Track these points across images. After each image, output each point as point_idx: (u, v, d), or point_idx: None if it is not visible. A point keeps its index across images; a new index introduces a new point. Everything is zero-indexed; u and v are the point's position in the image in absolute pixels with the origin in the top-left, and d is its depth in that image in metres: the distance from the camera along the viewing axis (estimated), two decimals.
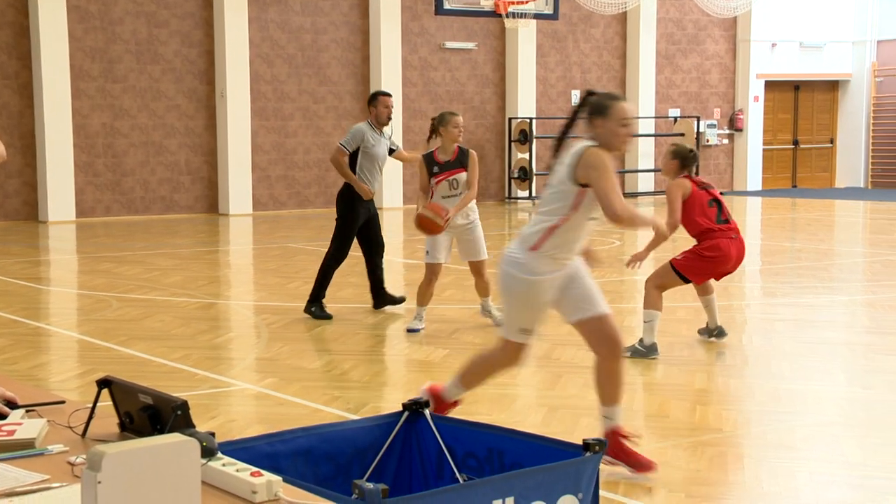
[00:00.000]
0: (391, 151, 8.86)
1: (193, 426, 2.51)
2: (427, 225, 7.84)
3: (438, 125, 8.00)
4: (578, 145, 4.55)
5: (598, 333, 4.61)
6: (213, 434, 2.49)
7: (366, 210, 8.75)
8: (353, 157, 8.63)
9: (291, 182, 19.53)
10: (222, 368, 6.94)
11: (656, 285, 7.24)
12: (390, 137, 8.89)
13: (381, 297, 8.98)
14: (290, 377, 6.59)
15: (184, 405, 2.52)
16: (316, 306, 8.66)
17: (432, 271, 8.06)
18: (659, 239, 7.04)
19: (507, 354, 4.73)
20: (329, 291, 8.75)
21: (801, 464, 4.90)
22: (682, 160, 7.29)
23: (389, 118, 8.64)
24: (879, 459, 4.93)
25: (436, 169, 8.00)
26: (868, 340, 7.84)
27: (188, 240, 15.07)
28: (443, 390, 4.81)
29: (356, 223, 8.72)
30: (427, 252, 8.08)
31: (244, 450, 3.13)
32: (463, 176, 7.99)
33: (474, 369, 4.81)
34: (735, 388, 6.53)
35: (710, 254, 7.14)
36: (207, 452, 2.32)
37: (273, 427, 4.86)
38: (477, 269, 8.18)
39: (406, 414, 3.53)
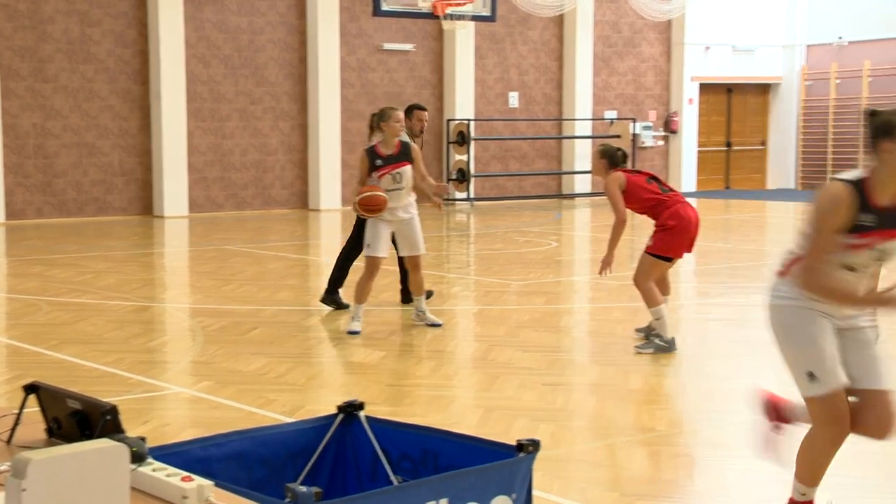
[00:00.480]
0: None
1: (123, 431, 2.48)
2: (372, 202, 7.85)
3: (379, 121, 8.03)
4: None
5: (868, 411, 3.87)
6: (143, 439, 2.47)
7: None
8: None
9: (228, 184, 19.36)
10: (156, 372, 6.86)
11: (647, 279, 7.29)
12: None
13: (404, 293, 9.10)
14: (225, 380, 6.53)
15: (113, 410, 2.49)
16: (330, 297, 8.91)
17: (374, 264, 8.03)
18: (616, 238, 7.20)
19: (821, 421, 3.92)
20: (265, 294, 8.67)
21: (733, 462, 4.98)
22: (611, 159, 7.40)
23: (422, 130, 9.19)
24: None
25: (379, 162, 8.00)
26: None
27: (122, 242, 14.85)
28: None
29: None
30: (368, 245, 8.06)
31: (176, 454, 3.10)
32: (407, 169, 8.01)
33: (807, 457, 4.05)
34: (669, 388, 6.62)
35: (673, 222, 7.21)
36: (137, 458, 2.30)
37: (207, 431, 4.82)
38: (414, 263, 8.18)
39: (340, 416, 3.52)
